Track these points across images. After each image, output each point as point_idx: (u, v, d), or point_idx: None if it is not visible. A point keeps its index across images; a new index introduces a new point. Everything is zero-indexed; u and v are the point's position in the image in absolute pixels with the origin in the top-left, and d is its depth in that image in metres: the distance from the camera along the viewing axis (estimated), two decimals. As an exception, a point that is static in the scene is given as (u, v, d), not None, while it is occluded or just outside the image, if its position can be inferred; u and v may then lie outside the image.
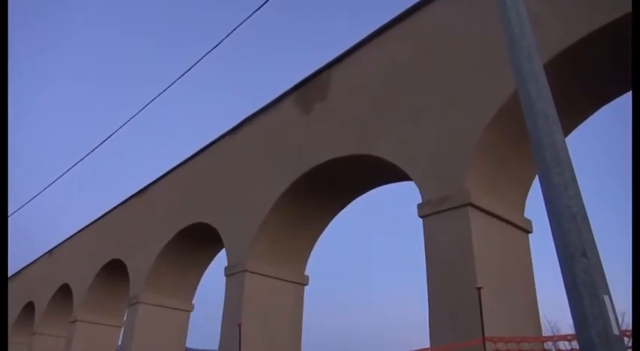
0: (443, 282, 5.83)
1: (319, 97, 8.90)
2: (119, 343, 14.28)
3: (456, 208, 6.01)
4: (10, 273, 24.09)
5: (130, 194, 14.63)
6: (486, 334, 4.38)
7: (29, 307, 19.44)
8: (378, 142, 7.41)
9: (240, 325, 7.37)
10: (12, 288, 23.31)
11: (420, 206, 6.48)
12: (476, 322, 4.96)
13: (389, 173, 8.16)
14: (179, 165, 12.62)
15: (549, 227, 2.87)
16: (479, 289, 4.71)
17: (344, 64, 8.53)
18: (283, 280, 9.45)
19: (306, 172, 8.53)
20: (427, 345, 5.46)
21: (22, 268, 22.76)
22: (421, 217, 6.41)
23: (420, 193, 6.63)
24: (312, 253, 9.93)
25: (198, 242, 11.77)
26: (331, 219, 9.86)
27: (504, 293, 5.80)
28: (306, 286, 9.68)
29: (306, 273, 9.83)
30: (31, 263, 21.80)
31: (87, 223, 17.00)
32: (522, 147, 6.52)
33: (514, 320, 5.75)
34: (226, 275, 9.42)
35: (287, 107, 9.57)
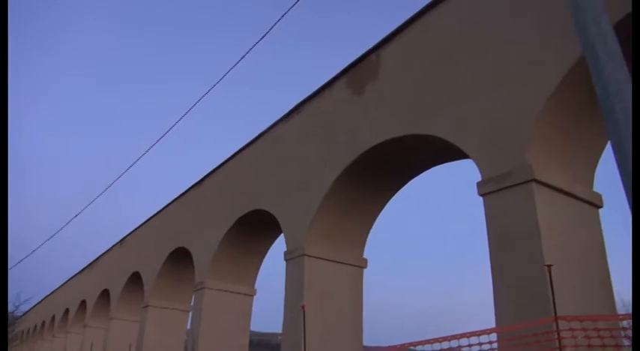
0: (508, 261, 5.64)
1: (370, 78, 8.76)
2: (188, 326, 14.95)
3: (518, 184, 5.77)
4: (87, 262, 25.68)
5: (190, 185, 15.13)
6: (558, 314, 4.18)
7: (105, 294, 20.67)
8: (433, 121, 7.22)
9: (304, 307, 7.48)
10: (90, 276, 24.86)
11: (480, 184, 6.27)
12: (545, 301, 4.77)
13: (445, 152, 7.94)
14: (234, 155, 12.87)
15: (625, 201, 2.67)
16: (549, 266, 4.50)
17: (393, 44, 8.34)
18: (342, 263, 9.47)
19: (361, 155, 8.45)
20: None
21: (97, 258, 24.20)
22: (481, 195, 6.20)
23: (480, 171, 6.42)
24: (370, 236, 9.90)
25: (257, 229, 12.00)
26: (387, 201, 9.75)
27: (575, 271, 5.54)
28: (365, 269, 9.68)
29: (365, 256, 9.82)
30: (105, 253, 23.13)
31: (153, 214, 17.78)
32: (588, 118, 6.14)
33: (586, 298, 5.49)
34: (286, 260, 9.54)
35: (338, 90, 9.49)
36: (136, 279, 17.54)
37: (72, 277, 28.88)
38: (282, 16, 7.03)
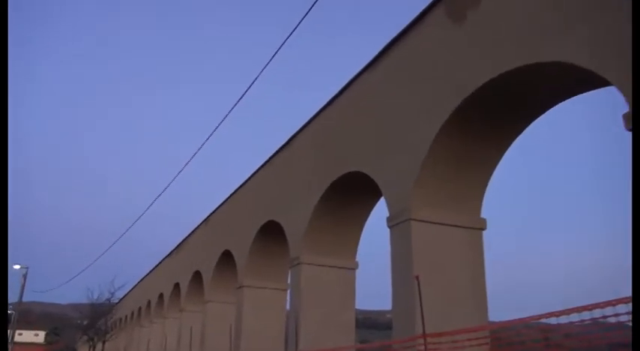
0: None
1: (471, 4, 8.25)
2: (287, 306, 15.62)
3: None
4: (175, 245, 27.57)
5: (275, 150, 15.48)
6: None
7: (197, 276, 22.13)
8: (554, 45, 6.65)
9: (417, 278, 7.45)
10: (179, 258, 26.72)
11: (626, 117, 5.72)
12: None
13: (574, 81, 7.34)
14: (320, 111, 12.92)
15: None
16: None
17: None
18: (455, 226, 9.25)
19: (468, 96, 8.08)
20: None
21: (185, 239, 25.86)
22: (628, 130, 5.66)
23: (627, 102, 5.84)
24: (486, 193, 9.55)
25: (352, 194, 12.06)
26: (505, 149, 9.30)
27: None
28: (484, 231, 9.40)
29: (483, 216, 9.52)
30: (191, 234, 24.64)
31: (236, 187, 18.52)
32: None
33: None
34: (389, 226, 9.53)
35: (434, 22, 9.08)
36: (227, 258, 18.53)
37: (162, 260, 31.23)
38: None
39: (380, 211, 12.17)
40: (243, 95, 12.05)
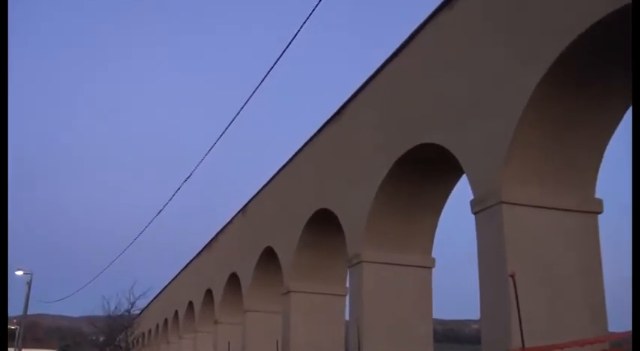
0: None
1: None
2: (346, 315, 15.69)
3: None
4: (205, 242, 28.18)
5: (324, 121, 15.48)
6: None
7: (233, 280, 22.56)
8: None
9: (513, 276, 7.35)
10: (210, 258, 27.29)
11: None
12: None
13: None
14: (382, 66, 12.81)
15: None
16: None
17: None
18: (562, 209, 9.05)
19: (571, 43, 7.85)
20: None
21: (216, 235, 26.39)
22: None
23: None
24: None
25: (426, 171, 11.99)
26: (626, 106, 8.99)
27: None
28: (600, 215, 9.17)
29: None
30: (224, 228, 25.10)
31: (277, 170, 18.66)
32: None
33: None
34: (474, 213, 9.44)
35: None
36: (269, 257, 18.79)
37: (190, 262, 32.04)
38: None
39: (461, 192, 12.01)
40: (282, 53, 12.04)
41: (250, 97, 14.00)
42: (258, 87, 13.47)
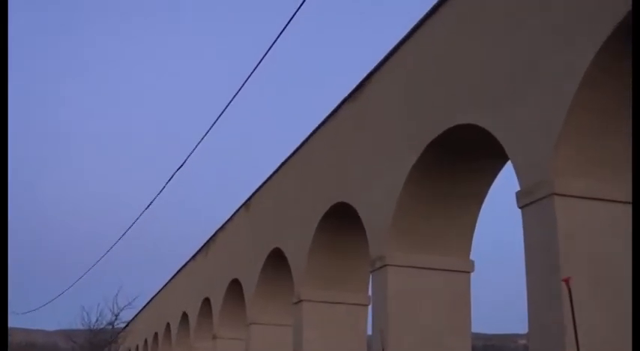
0: None
1: None
2: (369, 328, 15.67)
3: None
4: (202, 243, 28.20)
5: (341, 100, 15.46)
6: None
7: (234, 287, 22.64)
8: None
9: (567, 282, 7.35)
10: (207, 262, 27.30)
11: None
12: None
13: None
14: (406, 38, 12.83)
15: None
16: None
17: None
18: (623, 202, 9.03)
19: None
20: None
21: (214, 235, 26.45)
22: None
23: None
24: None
25: (464, 158, 12.05)
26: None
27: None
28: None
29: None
30: (224, 225, 25.15)
31: (285, 158, 18.69)
32: None
33: None
34: (521, 207, 9.49)
35: None
36: (276, 260, 18.87)
37: (184, 266, 32.15)
38: None
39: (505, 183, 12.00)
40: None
41: (253, 70, 13.95)
42: (261, 61, 13.41)
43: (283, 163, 19.07)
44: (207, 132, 16.95)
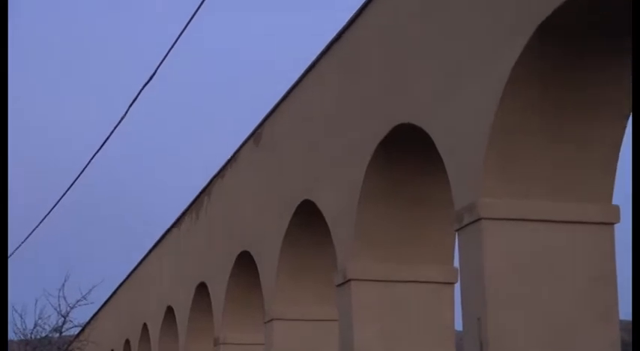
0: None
1: None
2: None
3: None
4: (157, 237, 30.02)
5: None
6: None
7: (201, 294, 24.59)
8: None
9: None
10: (165, 264, 29.67)
11: None
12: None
13: None
14: (340, 33, 15.16)
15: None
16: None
17: None
18: (570, 221, 10.98)
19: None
20: None
21: (177, 221, 28.33)
22: None
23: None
24: None
25: (414, 159, 14.03)
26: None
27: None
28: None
29: None
30: (180, 219, 26.96)
31: (242, 141, 20.76)
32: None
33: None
34: (456, 230, 11.68)
35: None
36: (245, 267, 20.64)
37: (146, 256, 34.04)
38: None
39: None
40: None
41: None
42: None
43: (241, 147, 21.32)
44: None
